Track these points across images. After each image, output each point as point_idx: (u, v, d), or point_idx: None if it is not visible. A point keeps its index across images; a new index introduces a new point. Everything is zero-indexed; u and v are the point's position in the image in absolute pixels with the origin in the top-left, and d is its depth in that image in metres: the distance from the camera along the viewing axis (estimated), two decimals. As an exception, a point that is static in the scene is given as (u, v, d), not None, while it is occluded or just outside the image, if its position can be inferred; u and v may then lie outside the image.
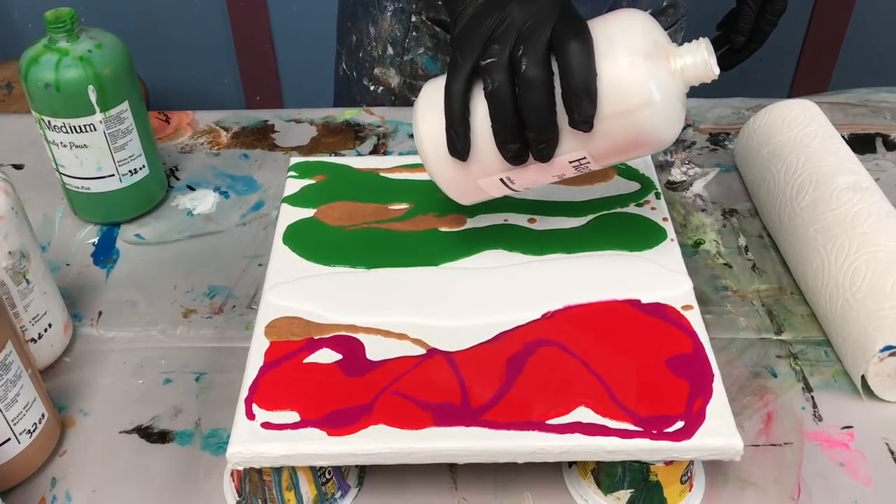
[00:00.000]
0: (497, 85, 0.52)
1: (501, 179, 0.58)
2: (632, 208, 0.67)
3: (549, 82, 0.52)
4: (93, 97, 0.69)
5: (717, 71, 0.54)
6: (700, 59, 0.53)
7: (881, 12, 1.83)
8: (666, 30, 0.93)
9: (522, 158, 0.55)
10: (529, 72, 0.51)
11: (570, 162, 0.56)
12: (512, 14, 0.52)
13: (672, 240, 0.64)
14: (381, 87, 0.92)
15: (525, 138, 0.53)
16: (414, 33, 0.87)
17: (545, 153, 0.54)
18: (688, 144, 0.84)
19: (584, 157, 0.55)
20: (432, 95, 0.57)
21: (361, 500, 0.55)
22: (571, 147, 0.54)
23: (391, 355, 0.56)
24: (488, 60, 0.52)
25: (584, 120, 0.52)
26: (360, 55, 0.93)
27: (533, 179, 0.58)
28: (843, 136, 0.73)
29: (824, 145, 0.71)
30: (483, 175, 0.57)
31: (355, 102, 0.96)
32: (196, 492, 0.56)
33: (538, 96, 0.51)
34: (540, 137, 0.53)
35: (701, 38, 0.54)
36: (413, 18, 0.86)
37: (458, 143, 0.54)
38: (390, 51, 0.89)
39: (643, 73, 0.52)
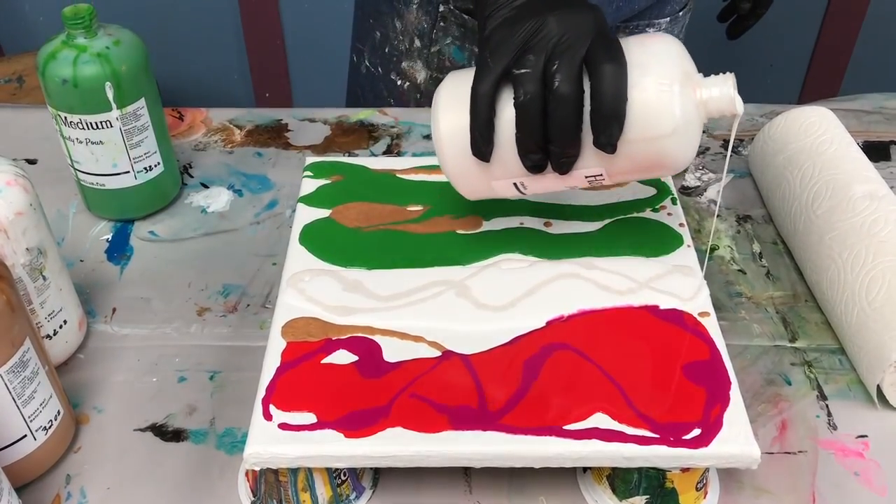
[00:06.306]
0: (529, 97, 0.52)
1: (515, 184, 0.58)
2: (648, 213, 0.67)
3: (579, 100, 0.52)
4: (110, 94, 0.69)
5: (740, 109, 0.55)
6: (725, 93, 0.54)
7: (894, 17, 1.83)
8: (679, 12, 0.94)
9: (541, 168, 0.55)
10: (562, 88, 0.51)
11: (587, 176, 0.57)
12: (548, 25, 0.52)
13: (689, 246, 0.64)
14: (408, 83, 0.92)
15: (547, 149, 0.54)
16: (441, 23, 0.87)
17: (565, 167, 0.55)
18: (702, 150, 0.84)
19: (601, 174, 0.57)
20: (454, 90, 0.57)
21: (375, 502, 0.56)
22: (591, 163, 0.55)
23: (408, 357, 0.56)
24: (522, 71, 0.52)
25: (609, 143, 0.53)
26: (387, 50, 0.93)
27: (545, 187, 0.59)
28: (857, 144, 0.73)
29: (840, 153, 0.71)
30: (499, 178, 0.58)
31: (381, 98, 0.96)
32: (210, 491, 0.56)
33: (567, 113, 0.52)
34: (563, 152, 0.54)
35: (728, 73, 0.55)
36: (441, 8, 0.87)
37: (482, 146, 0.55)
38: (417, 43, 0.90)
39: (672, 103, 0.53)
